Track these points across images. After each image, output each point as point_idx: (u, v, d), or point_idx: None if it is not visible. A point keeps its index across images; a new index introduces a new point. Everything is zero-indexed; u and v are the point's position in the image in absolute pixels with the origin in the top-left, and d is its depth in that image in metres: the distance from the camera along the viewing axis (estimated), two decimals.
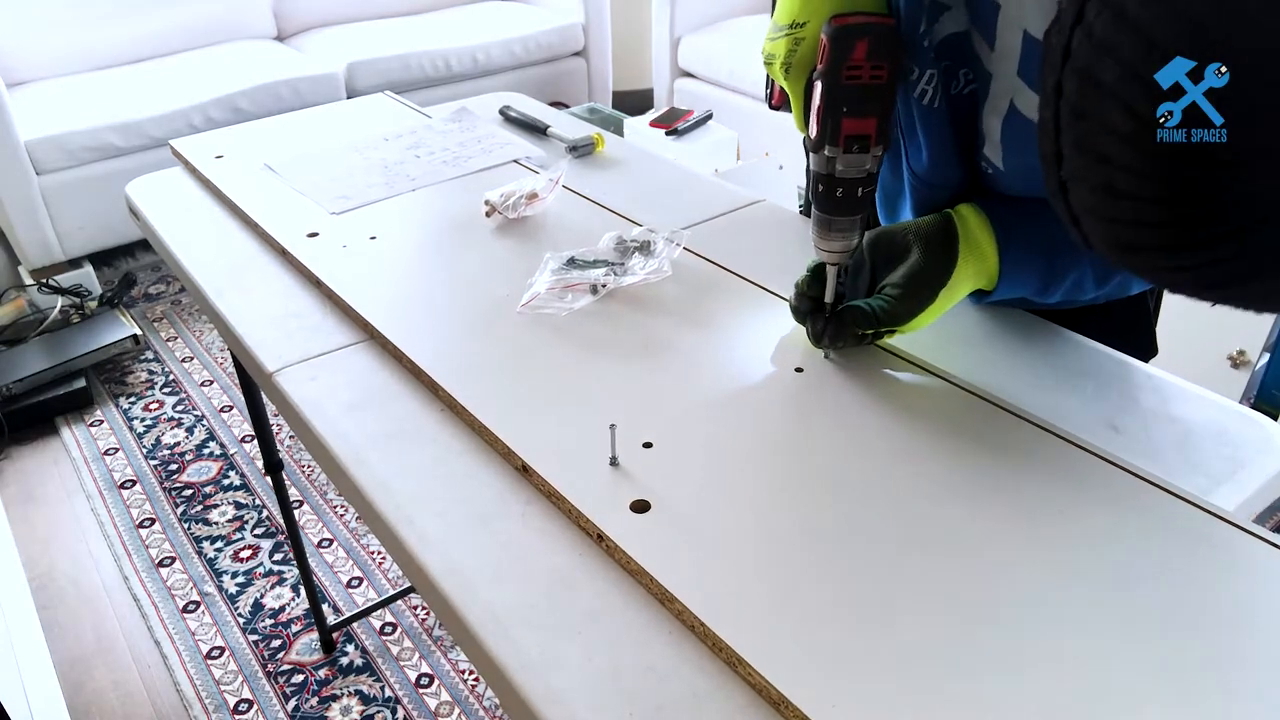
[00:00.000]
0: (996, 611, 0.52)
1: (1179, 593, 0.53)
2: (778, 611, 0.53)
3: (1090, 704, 0.47)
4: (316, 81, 2.83)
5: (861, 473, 0.63)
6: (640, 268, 0.86)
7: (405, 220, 1.02)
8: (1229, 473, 0.65)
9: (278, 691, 1.55)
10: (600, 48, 3.44)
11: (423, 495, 0.64)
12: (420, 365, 0.76)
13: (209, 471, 2.06)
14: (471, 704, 1.53)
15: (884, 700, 0.48)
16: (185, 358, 2.44)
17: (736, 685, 0.50)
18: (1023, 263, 0.72)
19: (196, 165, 1.17)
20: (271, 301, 0.90)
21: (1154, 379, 0.75)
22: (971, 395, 0.70)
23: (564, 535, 0.61)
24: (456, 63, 3.09)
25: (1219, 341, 1.72)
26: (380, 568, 1.80)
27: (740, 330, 0.81)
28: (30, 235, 2.50)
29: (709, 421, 0.69)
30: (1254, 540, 0.57)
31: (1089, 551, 0.56)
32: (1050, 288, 0.73)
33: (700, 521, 0.59)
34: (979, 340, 0.79)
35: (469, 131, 1.25)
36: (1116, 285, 0.75)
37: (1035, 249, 0.72)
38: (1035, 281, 0.73)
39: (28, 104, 2.59)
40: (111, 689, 1.57)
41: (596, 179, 1.12)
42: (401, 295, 0.87)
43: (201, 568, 1.81)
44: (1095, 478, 0.62)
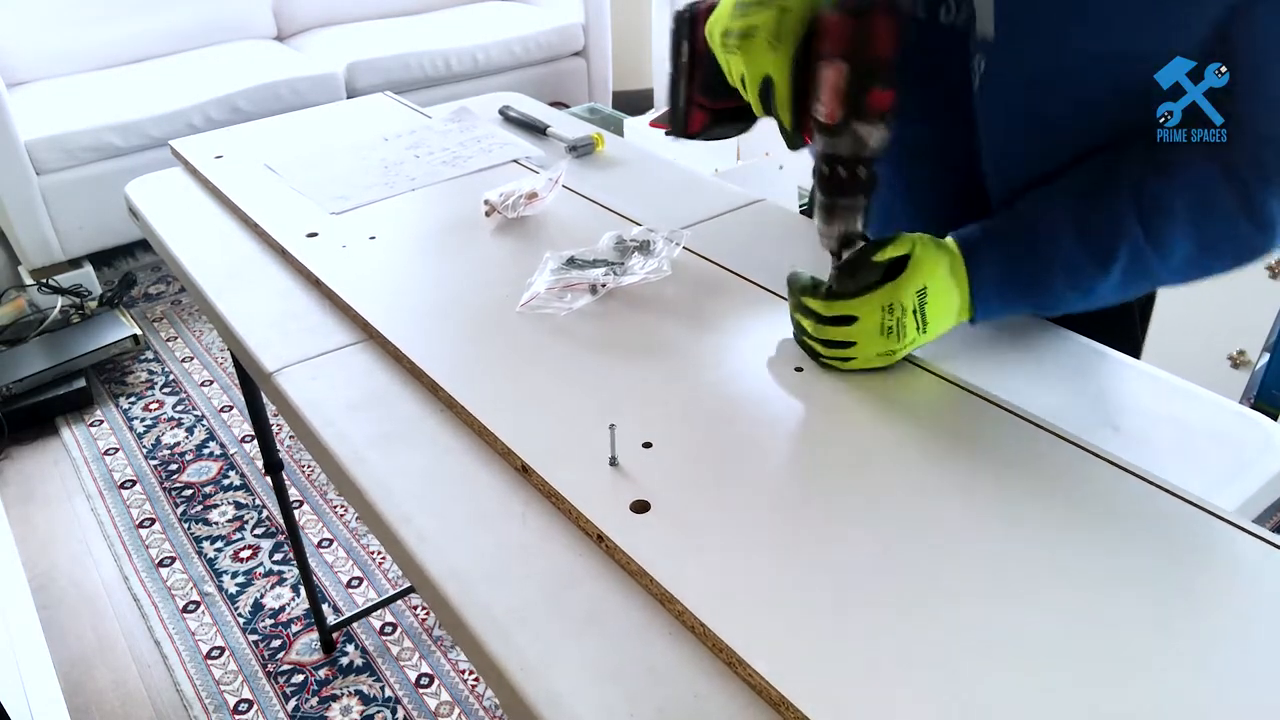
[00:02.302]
0: (997, 612, 0.52)
1: (1178, 593, 0.53)
2: (778, 612, 0.53)
3: (1090, 704, 0.47)
4: (316, 81, 2.83)
5: (861, 473, 0.63)
6: (640, 267, 0.86)
7: (405, 220, 1.02)
8: (1229, 473, 0.65)
9: (278, 691, 1.55)
10: (600, 48, 3.44)
11: (422, 495, 0.64)
12: (420, 365, 0.76)
13: (209, 471, 2.06)
14: (471, 704, 1.53)
15: (884, 700, 0.48)
16: (185, 358, 2.44)
17: (737, 686, 0.50)
18: (995, 253, 0.71)
19: (196, 165, 1.17)
20: (271, 301, 0.90)
21: (1154, 379, 0.75)
22: (971, 395, 0.70)
23: (564, 535, 0.61)
24: (456, 63, 3.09)
25: (1219, 341, 1.72)
26: (380, 568, 1.80)
27: (740, 330, 0.81)
28: (30, 235, 2.50)
29: (709, 421, 0.69)
30: (1254, 540, 0.57)
31: (1088, 551, 0.56)
32: (1043, 283, 0.71)
33: (700, 522, 0.59)
34: (979, 340, 0.79)
35: (469, 131, 1.25)
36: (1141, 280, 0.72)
37: (1009, 241, 0.71)
38: (1022, 277, 0.71)
39: (28, 104, 2.59)
40: (111, 689, 1.57)
41: (596, 179, 1.12)
42: (401, 295, 0.87)
43: (201, 568, 1.81)
44: (1095, 477, 0.62)
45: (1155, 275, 0.71)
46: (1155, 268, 0.70)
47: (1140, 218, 0.68)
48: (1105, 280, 0.70)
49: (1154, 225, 0.68)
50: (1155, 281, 0.73)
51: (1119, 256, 0.68)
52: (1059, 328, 0.81)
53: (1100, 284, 0.70)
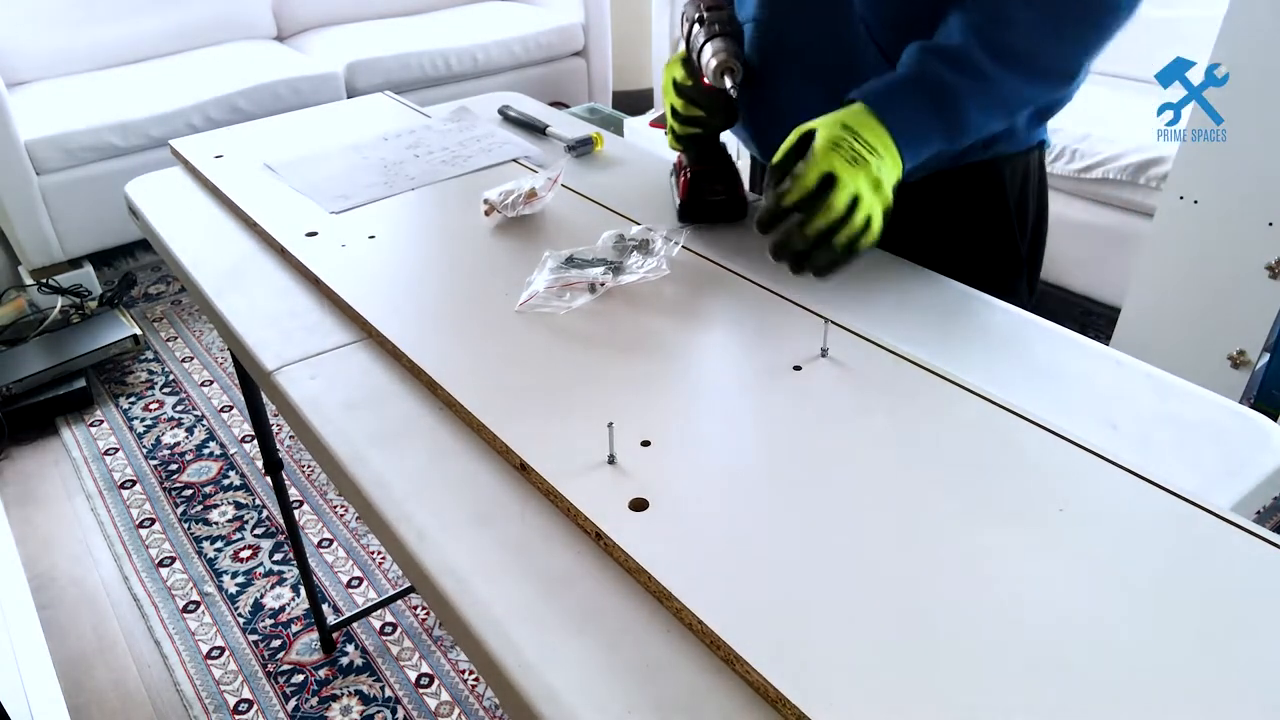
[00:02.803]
0: (997, 611, 0.52)
1: (1177, 592, 0.53)
2: (776, 609, 0.53)
3: (1090, 703, 0.47)
4: (316, 81, 2.84)
5: (859, 470, 0.63)
6: (639, 266, 0.86)
7: (404, 219, 1.02)
8: (1227, 472, 0.65)
9: (278, 691, 1.55)
10: (600, 48, 3.44)
11: (421, 494, 0.64)
12: (419, 364, 0.76)
13: (209, 471, 2.06)
14: (471, 704, 1.53)
15: (882, 698, 0.48)
16: (185, 358, 2.44)
17: (735, 683, 0.50)
18: (901, 87, 0.78)
19: (196, 165, 1.17)
20: (271, 301, 0.90)
21: (1153, 377, 0.75)
22: (970, 393, 0.70)
23: (562, 534, 0.61)
24: (456, 63, 3.09)
25: (1219, 341, 1.72)
26: (380, 568, 1.80)
27: (738, 328, 0.81)
28: (30, 235, 2.50)
29: (707, 419, 0.69)
30: (1253, 539, 0.57)
31: (1087, 550, 0.56)
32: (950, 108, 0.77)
33: (698, 519, 0.59)
34: (978, 339, 0.79)
35: (468, 131, 1.25)
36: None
37: (910, 83, 0.78)
38: (923, 85, 0.77)
39: (28, 104, 2.59)
40: (111, 689, 1.57)
41: (596, 178, 1.12)
42: (400, 294, 0.87)
43: (201, 568, 1.81)
44: (1093, 476, 0.62)
45: (1026, 46, 0.77)
46: (1015, 37, 0.77)
47: None
48: (987, 63, 0.77)
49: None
50: (1037, 60, 0.78)
51: (970, 37, 0.77)
52: (1060, 328, 0.81)
53: (986, 68, 0.77)
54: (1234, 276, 1.64)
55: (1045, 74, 0.79)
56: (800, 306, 0.82)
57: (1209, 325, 1.71)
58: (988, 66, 0.76)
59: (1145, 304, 1.80)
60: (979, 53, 0.76)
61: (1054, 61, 0.78)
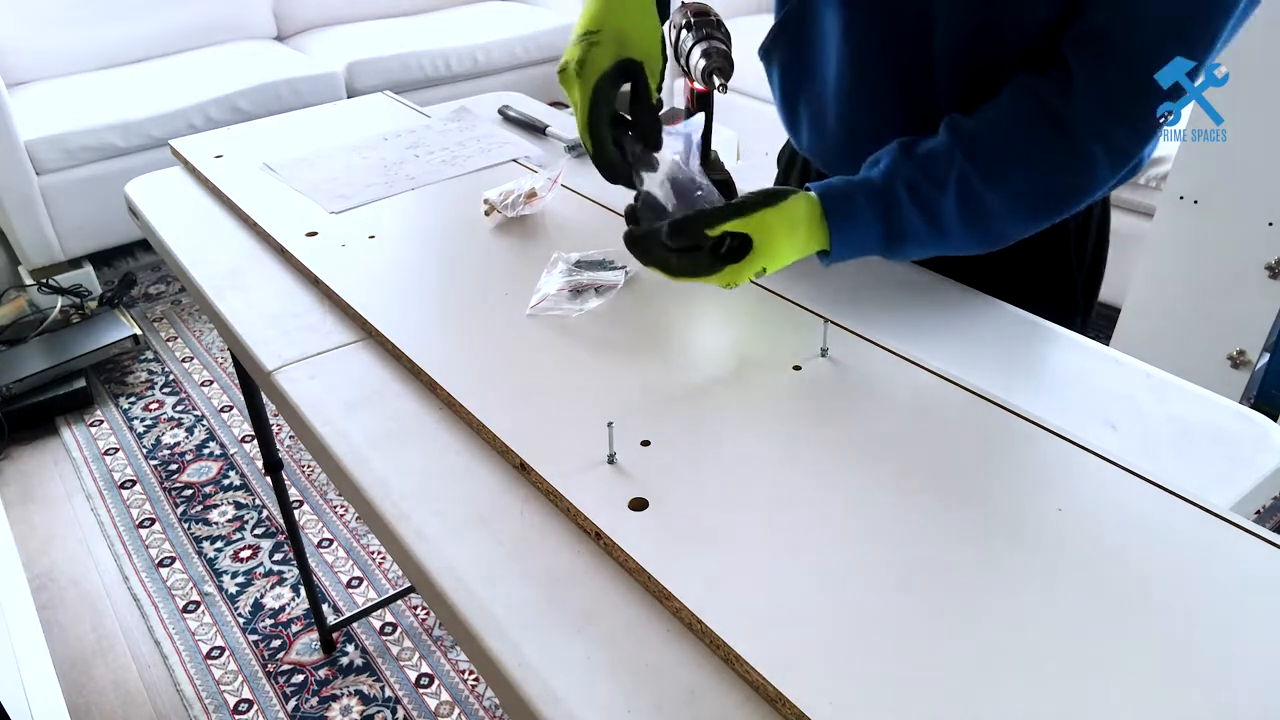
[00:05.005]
0: (996, 610, 0.52)
1: (1177, 591, 0.53)
2: (775, 609, 0.53)
3: (1090, 702, 0.47)
4: (316, 81, 2.84)
5: (859, 471, 0.63)
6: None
7: (404, 219, 1.02)
8: (1226, 472, 0.65)
9: (278, 691, 1.55)
10: None
11: (421, 494, 0.64)
12: (419, 364, 0.76)
13: (209, 471, 2.06)
14: (471, 704, 1.53)
15: (881, 697, 0.48)
16: (185, 358, 2.44)
17: (734, 682, 0.50)
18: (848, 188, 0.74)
19: (196, 165, 1.17)
20: (270, 301, 0.90)
21: (1152, 377, 0.75)
22: (969, 393, 0.70)
23: (562, 533, 0.61)
24: (456, 63, 3.09)
25: (1219, 341, 1.72)
26: (380, 568, 1.80)
27: (738, 328, 0.81)
28: (30, 235, 2.50)
29: (707, 419, 0.69)
30: (1252, 539, 0.57)
31: (1086, 549, 0.56)
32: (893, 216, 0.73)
33: (698, 519, 0.59)
34: (978, 339, 0.79)
35: (468, 131, 1.25)
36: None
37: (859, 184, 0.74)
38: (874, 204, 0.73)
39: (28, 104, 2.59)
40: (111, 689, 1.57)
41: (595, 178, 1.11)
42: (400, 294, 0.87)
43: (201, 568, 1.81)
44: (1093, 476, 0.62)
45: (989, 209, 0.74)
46: (987, 198, 0.73)
47: (966, 152, 0.73)
48: (944, 202, 0.73)
49: (981, 157, 0.72)
50: (991, 218, 0.75)
51: (949, 183, 0.72)
52: (1058, 328, 0.81)
53: (942, 209, 0.73)
54: (1234, 276, 1.64)
55: (995, 240, 0.77)
56: (800, 306, 0.82)
57: (1209, 325, 1.71)
58: (951, 221, 0.73)
59: (1145, 304, 1.80)
60: (952, 203, 0.73)
61: (1007, 236, 0.76)
